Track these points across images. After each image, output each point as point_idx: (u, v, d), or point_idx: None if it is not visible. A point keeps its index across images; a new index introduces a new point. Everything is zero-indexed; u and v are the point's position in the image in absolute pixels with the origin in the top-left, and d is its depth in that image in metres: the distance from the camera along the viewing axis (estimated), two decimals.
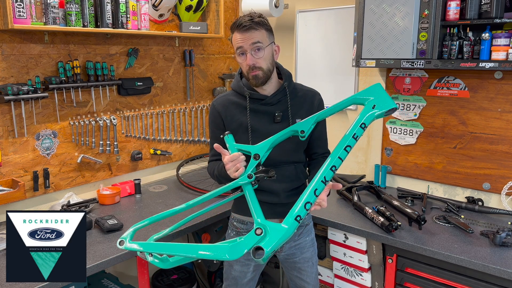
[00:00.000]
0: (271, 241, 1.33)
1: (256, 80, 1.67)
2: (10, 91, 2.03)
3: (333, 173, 1.45)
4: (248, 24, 1.62)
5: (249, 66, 1.65)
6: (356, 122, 1.48)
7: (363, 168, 2.83)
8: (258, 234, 1.35)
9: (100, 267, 1.77)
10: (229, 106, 1.77)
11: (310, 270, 1.90)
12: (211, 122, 1.81)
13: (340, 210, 2.33)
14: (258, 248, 1.31)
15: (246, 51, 1.64)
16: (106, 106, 2.52)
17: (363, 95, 1.52)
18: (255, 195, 1.52)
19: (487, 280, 1.81)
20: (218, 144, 1.59)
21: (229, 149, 1.60)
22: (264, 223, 1.38)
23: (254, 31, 1.62)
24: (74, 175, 2.43)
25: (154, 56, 2.75)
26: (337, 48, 2.81)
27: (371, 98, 1.50)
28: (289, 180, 1.76)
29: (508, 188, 2.23)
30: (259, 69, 1.65)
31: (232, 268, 1.87)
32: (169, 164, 2.96)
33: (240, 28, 1.63)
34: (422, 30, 2.13)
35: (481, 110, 2.32)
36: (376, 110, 1.47)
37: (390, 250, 2.05)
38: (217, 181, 1.80)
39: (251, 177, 1.51)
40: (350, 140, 1.46)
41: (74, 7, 2.14)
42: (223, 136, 1.64)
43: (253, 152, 1.55)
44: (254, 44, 1.62)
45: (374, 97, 1.50)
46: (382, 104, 1.48)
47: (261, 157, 1.54)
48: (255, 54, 1.64)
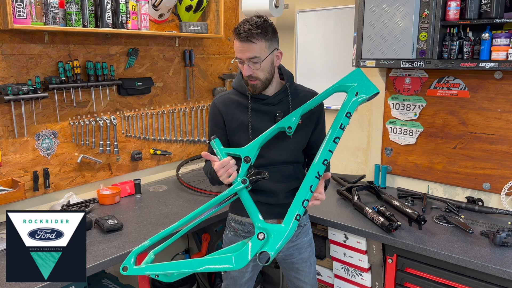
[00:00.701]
0: (275, 244, 1.36)
1: (254, 89, 1.68)
2: (10, 91, 2.03)
3: (325, 167, 1.47)
4: (245, 35, 1.58)
5: (245, 77, 1.66)
6: (340, 111, 1.49)
7: (363, 168, 2.83)
8: (261, 239, 1.37)
9: (100, 267, 1.77)
10: (230, 104, 1.76)
11: (308, 270, 1.90)
12: (211, 120, 1.81)
13: (340, 210, 2.33)
14: (263, 253, 1.35)
15: (244, 61, 1.63)
16: (106, 106, 2.52)
17: (345, 82, 1.52)
18: (251, 199, 1.52)
19: (487, 280, 1.81)
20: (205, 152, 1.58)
21: (218, 154, 1.56)
22: (265, 227, 1.40)
23: (251, 44, 1.59)
24: (74, 175, 2.43)
25: (154, 56, 2.75)
26: (337, 48, 2.81)
27: (354, 84, 1.51)
28: (288, 180, 1.76)
29: (508, 188, 2.23)
30: (256, 79, 1.65)
31: None
32: (169, 164, 2.96)
33: (239, 36, 1.61)
34: (422, 30, 2.13)
35: (481, 110, 2.32)
36: (360, 97, 1.48)
37: (390, 250, 2.05)
38: (210, 182, 1.80)
39: (245, 182, 1.49)
40: (338, 131, 1.48)
41: (74, 7, 2.14)
42: (209, 141, 1.60)
43: (243, 155, 1.52)
44: (251, 58, 1.61)
45: (357, 83, 1.50)
46: (364, 90, 1.49)
47: (251, 159, 1.52)
48: (252, 66, 1.63)
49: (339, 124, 1.48)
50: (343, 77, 1.54)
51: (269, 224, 1.40)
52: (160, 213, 2.30)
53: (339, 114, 1.49)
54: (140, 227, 2.11)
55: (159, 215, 2.27)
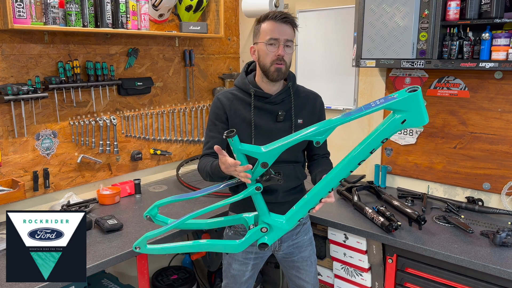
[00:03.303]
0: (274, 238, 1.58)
1: (278, 73, 1.69)
2: (10, 91, 2.03)
3: (339, 184, 1.48)
4: (289, 18, 1.66)
5: (278, 56, 1.66)
6: (377, 135, 1.30)
7: (363, 168, 2.82)
8: (263, 232, 1.55)
9: (100, 267, 1.77)
10: (234, 100, 1.78)
11: (309, 269, 1.90)
12: (213, 113, 1.79)
13: (340, 210, 2.33)
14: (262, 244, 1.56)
15: (279, 42, 1.66)
16: (106, 106, 2.52)
17: (400, 106, 1.26)
18: (263, 200, 1.55)
19: (487, 280, 1.81)
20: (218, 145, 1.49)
21: (234, 152, 1.45)
22: (269, 222, 1.55)
23: (290, 28, 1.68)
24: (74, 175, 2.43)
25: (154, 56, 2.75)
26: (337, 48, 2.81)
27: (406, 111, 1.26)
28: (288, 179, 1.76)
29: (508, 188, 2.23)
30: (284, 63, 1.68)
31: (231, 266, 1.88)
32: (169, 164, 2.96)
33: (278, 18, 1.65)
34: (422, 30, 2.13)
35: (481, 110, 2.32)
36: (404, 126, 1.27)
37: (390, 250, 2.05)
38: (206, 178, 1.72)
39: (259, 190, 1.48)
40: (366, 154, 1.35)
41: (74, 7, 2.14)
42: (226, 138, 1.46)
43: (261, 160, 1.43)
44: (288, 40, 1.67)
45: (410, 110, 1.25)
46: (414, 120, 1.25)
47: (268, 165, 1.44)
48: (286, 49, 1.68)
49: (371, 149, 1.32)
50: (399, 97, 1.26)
51: (272, 220, 1.54)
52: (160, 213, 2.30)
53: (375, 136, 1.31)
54: (140, 227, 2.10)
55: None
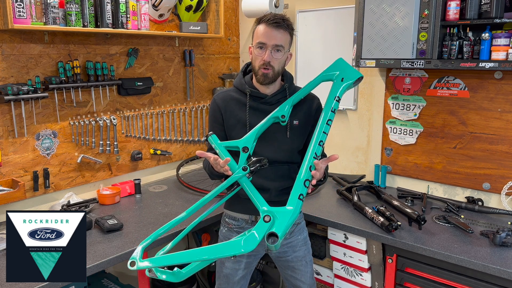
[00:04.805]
0: (282, 225, 1.39)
1: (264, 78, 1.69)
2: (10, 91, 2.03)
3: (322, 148, 1.57)
4: (280, 22, 1.64)
5: (264, 61, 1.66)
6: (330, 97, 1.64)
7: (363, 168, 2.83)
8: (267, 221, 1.40)
9: (100, 267, 1.77)
10: (229, 101, 1.79)
11: (304, 270, 1.89)
12: (211, 116, 1.84)
13: (340, 210, 2.33)
14: (271, 235, 1.36)
15: (267, 47, 1.65)
16: (106, 106, 2.52)
17: (330, 71, 1.71)
18: (253, 186, 1.57)
19: (487, 280, 1.81)
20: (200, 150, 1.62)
21: (216, 148, 1.64)
22: (271, 209, 1.45)
23: (281, 32, 1.65)
24: (74, 175, 2.43)
25: (154, 56, 2.75)
26: (337, 48, 2.81)
27: (337, 72, 1.68)
28: (282, 179, 1.77)
29: (508, 188, 2.23)
30: (271, 68, 1.67)
31: (224, 265, 1.87)
32: (169, 164, 2.96)
33: (270, 22, 1.64)
34: (422, 30, 2.13)
35: (481, 110, 2.32)
36: (345, 82, 1.64)
37: (390, 250, 2.05)
38: (210, 177, 1.83)
39: (245, 170, 1.56)
40: (330, 114, 1.62)
41: (74, 7, 2.14)
42: (206, 138, 1.69)
43: (241, 146, 1.62)
44: (277, 46, 1.65)
45: (340, 71, 1.67)
46: (349, 76, 1.65)
47: (250, 149, 1.61)
48: (274, 54, 1.66)
49: (330, 107, 1.62)
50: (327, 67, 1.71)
51: (273, 208, 1.45)
52: (160, 213, 2.30)
53: (328, 99, 1.64)
54: (140, 227, 2.11)
55: (159, 215, 2.27)
